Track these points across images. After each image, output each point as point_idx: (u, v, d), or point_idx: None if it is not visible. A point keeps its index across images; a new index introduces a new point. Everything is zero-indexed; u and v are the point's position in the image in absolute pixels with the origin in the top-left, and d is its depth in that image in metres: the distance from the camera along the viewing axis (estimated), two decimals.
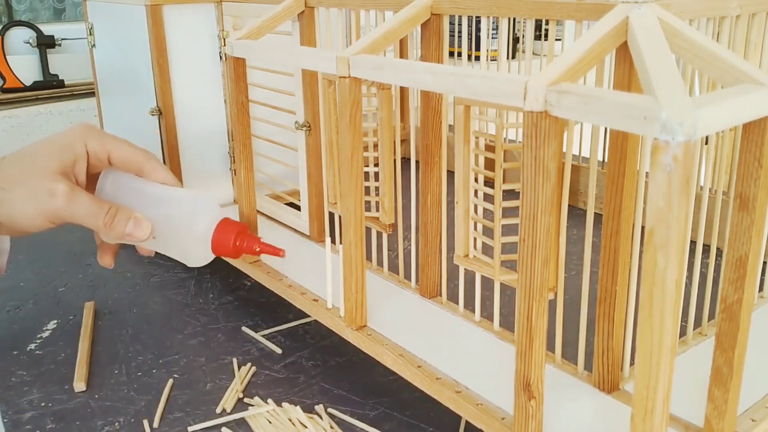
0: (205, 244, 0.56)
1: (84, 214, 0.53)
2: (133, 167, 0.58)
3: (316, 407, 0.52)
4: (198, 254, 0.57)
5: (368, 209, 0.57)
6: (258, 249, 0.58)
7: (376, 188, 0.56)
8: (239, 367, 0.58)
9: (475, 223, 0.49)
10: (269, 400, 0.53)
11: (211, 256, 0.57)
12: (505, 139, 0.46)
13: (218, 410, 0.52)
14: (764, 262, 0.42)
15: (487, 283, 0.51)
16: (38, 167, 0.53)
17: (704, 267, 0.62)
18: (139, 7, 0.72)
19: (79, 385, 0.55)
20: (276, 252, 0.57)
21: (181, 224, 0.57)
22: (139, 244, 0.57)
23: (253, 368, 0.57)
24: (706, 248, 0.53)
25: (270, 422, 0.50)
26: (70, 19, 1.48)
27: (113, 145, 0.57)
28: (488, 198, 0.48)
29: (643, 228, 0.32)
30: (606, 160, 0.42)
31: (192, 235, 0.56)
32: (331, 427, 0.50)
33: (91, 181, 0.57)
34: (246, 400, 0.53)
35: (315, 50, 0.55)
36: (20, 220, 0.53)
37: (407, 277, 0.60)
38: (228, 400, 0.53)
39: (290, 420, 0.50)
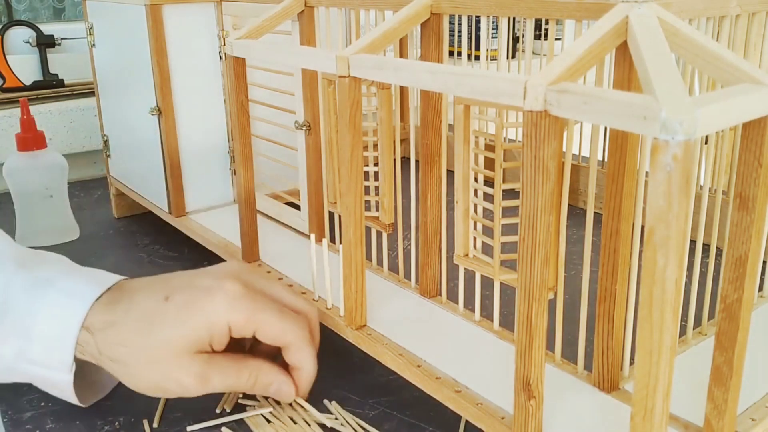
0: None
1: (221, 390, 0.48)
2: (278, 344, 0.49)
3: (326, 402, 0.52)
4: None
5: (368, 209, 0.57)
6: None
7: (376, 188, 0.57)
8: None
9: (475, 223, 0.49)
10: (269, 399, 0.53)
11: None
12: (504, 138, 0.46)
13: (218, 410, 0.52)
14: (764, 262, 0.42)
15: (486, 282, 0.51)
16: (165, 346, 0.45)
17: (704, 266, 0.62)
18: (139, 6, 0.72)
19: None
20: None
21: None
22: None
23: None
24: (706, 247, 0.53)
25: (269, 422, 0.50)
26: (69, 18, 1.48)
27: (261, 320, 0.47)
28: (488, 197, 0.48)
29: (643, 227, 0.32)
30: (606, 159, 0.42)
31: None
32: (339, 418, 0.50)
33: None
34: (245, 400, 0.53)
35: (315, 50, 0.55)
36: (146, 392, 0.48)
37: (407, 276, 0.60)
38: (228, 400, 0.53)
39: (291, 419, 0.50)
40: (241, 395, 0.53)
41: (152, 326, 0.45)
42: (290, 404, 0.51)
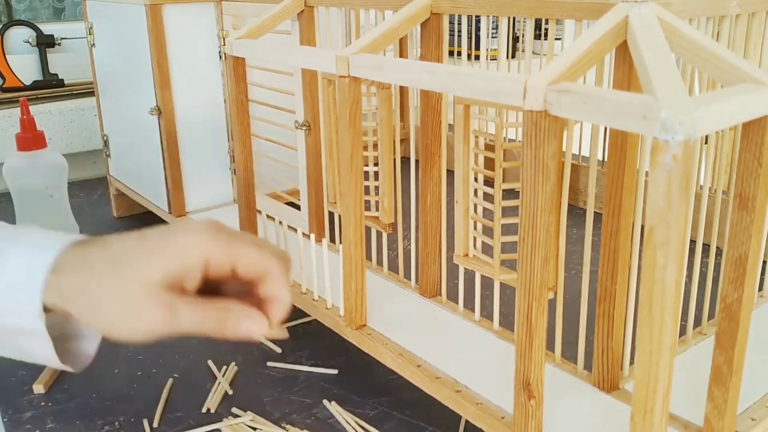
0: None
1: (189, 328, 0.46)
2: (255, 275, 0.47)
3: (326, 402, 0.52)
4: None
5: (368, 208, 0.57)
6: None
7: (376, 187, 0.56)
8: (219, 370, 0.57)
9: (475, 223, 0.49)
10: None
11: None
12: (504, 138, 0.46)
13: (203, 410, 0.52)
14: (764, 261, 0.42)
15: (486, 282, 0.51)
16: (136, 278, 0.44)
17: (704, 266, 0.62)
18: (139, 6, 0.72)
19: (38, 388, 0.55)
20: None
21: None
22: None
23: (236, 368, 0.57)
24: (706, 247, 0.53)
25: (254, 429, 0.50)
26: (69, 18, 1.48)
27: (241, 250, 0.46)
28: (488, 197, 0.48)
29: (643, 227, 0.32)
30: (606, 159, 0.42)
31: None
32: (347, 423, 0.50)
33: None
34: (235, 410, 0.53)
35: (315, 49, 0.55)
36: (117, 335, 0.45)
37: (407, 276, 0.60)
38: (213, 400, 0.53)
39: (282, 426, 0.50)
40: (226, 393, 0.53)
41: (124, 261, 0.44)
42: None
